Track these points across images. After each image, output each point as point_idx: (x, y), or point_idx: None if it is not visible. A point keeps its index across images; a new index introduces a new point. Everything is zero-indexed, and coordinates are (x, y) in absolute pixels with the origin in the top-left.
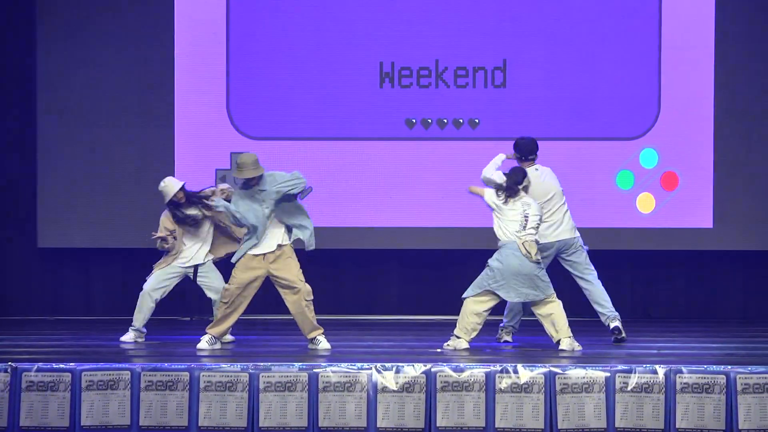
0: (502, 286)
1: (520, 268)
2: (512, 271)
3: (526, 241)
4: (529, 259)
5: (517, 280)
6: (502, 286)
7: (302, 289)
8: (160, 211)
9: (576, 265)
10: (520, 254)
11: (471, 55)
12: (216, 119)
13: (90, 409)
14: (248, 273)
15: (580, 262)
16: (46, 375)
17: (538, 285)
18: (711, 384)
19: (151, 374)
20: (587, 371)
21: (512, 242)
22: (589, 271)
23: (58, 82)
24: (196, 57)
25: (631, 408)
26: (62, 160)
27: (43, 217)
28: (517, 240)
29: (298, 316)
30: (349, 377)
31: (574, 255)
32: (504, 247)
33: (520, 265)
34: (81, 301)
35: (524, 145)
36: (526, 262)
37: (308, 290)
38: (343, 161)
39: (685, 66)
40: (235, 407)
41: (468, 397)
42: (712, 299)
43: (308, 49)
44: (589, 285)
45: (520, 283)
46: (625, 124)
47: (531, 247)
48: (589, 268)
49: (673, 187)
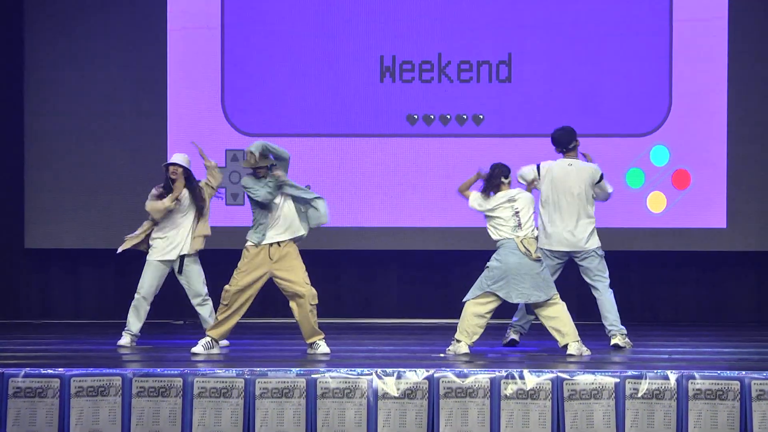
0: (502, 287)
1: (519, 267)
2: (512, 271)
3: (525, 239)
4: (529, 257)
5: (517, 279)
6: (501, 286)
7: (307, 294)
8: None
9: (587, 271)
10: (519, 253)
11: (475, 49)
12: (210, 115)
13: (79, 416)
14: (250, 275)
15: (591, 268)
16: (34, 381)
17: (539, 285)
18: (724, 390)
19: (143, 380)
20: (596, 377)
21: (510, 240)
22: (600, 279)
23: (45, 79)
24: (190, 50)
25: (641, 415)
26: (50, 158)
27: (31, 216)
28: (515, 239)
29: (301, 320)
30: (348, 383)
31: (586, 260)
32: (502, 247)
33: (520, 264)
34: (70, 303)
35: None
36: (526, 261)
37: (313, 294)
38: (342, 159)
39: (697, 58)
40: (230, 414)
41: (472, 403)
42: (726, 302)
43: (306, 42)
44: (597, 293)
45: (521, 282)
46: (635, 120)
47: (530, 244)
48: (600, 275)
49: (685, 186)
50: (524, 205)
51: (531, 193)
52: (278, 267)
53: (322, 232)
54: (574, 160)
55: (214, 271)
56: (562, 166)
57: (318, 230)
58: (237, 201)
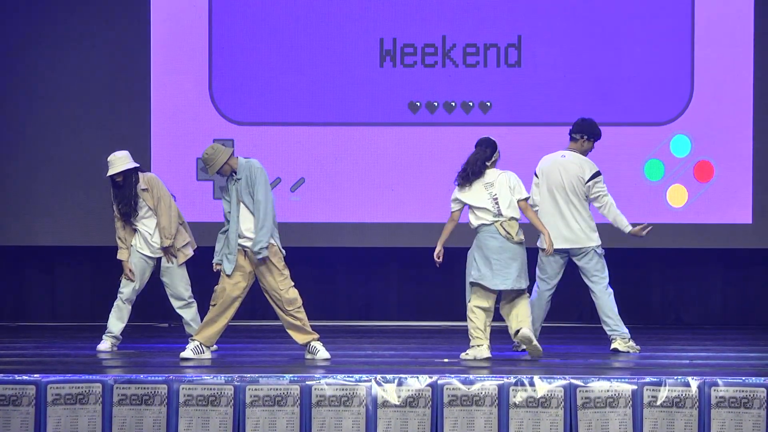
0: (485, 276)
1: (501, 251)
2: (493, 255)
3: (505, 221)
4: (511, 240)
5: (501, 264)
6: (484, 275)
7: (283, 298)
8: None
9: (584, 271)
10: (500, 236)
11: (482, 31)
12: (197, 102)
13: (56, 425)
14: (235, 272)
15: (589, 267)
16: (8, 388)
17: (523, 272)
18: (750, 398)
19: (125, 387)
20: (612, 383)
21: (489, 226)
22: (598, 281)
23: (17, 63)
24: (175, 33)
25: (660, 424)
26: (24, 149)
27: (2, 211)
28: (494, 223)
29: (286, 325)
30: (345, 390)
31: (584, 259)
32: (481, 232)
33: (501, 248)
34: (46, 305)
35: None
36: (508, 244)
37: (289, 299)
38: (339, 149)
39: (720, 42)
40: (218, 424)
41: (478, 412)
42: (752, 302)
43: (300, 24)
44: (593, 296)
45: (506, 267)
46: (654, 108)
47: (511, 226)
48: (599, 275)
49: (708, 178)
50: (500, 189)
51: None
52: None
53: (316, 228)
54: (570, 153)
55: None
56: (554, 159)
57: (312, 227)
58: None
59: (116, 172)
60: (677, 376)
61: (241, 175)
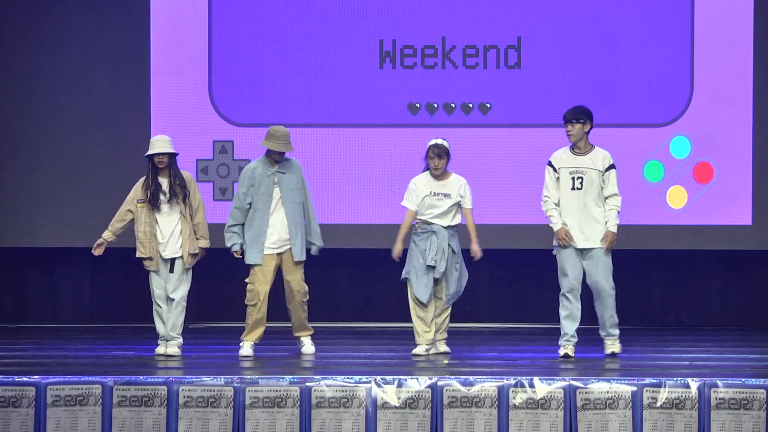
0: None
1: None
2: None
3: None
4: None
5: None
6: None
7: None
8: None
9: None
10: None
11: (482, 32)
12: (197, 103)
13: (56, 427)
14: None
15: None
16: (8, 389)
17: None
18: (749, 399)
19: (125, 388)
20: (611, 385)
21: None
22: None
23: (17, 63)
24: (175, 34)
25: (660, 426)
26: (23, 150)
27: (2, 212)
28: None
29: (292, 311)
30: (345, 392)
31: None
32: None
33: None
34: (46, 306)
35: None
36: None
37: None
38: (338, 151)
39: (720, 43)
40: (218, 425)
41: (478, 414)
42: (752, 304)
43: (300, 24)
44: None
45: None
46: (654, 109)
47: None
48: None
49: (708, 180)
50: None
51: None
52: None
53: None
54: None
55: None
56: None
57: None
58: (225, 196)
59: (165, 151)
60: (677, 377)
61: (285, 169)
